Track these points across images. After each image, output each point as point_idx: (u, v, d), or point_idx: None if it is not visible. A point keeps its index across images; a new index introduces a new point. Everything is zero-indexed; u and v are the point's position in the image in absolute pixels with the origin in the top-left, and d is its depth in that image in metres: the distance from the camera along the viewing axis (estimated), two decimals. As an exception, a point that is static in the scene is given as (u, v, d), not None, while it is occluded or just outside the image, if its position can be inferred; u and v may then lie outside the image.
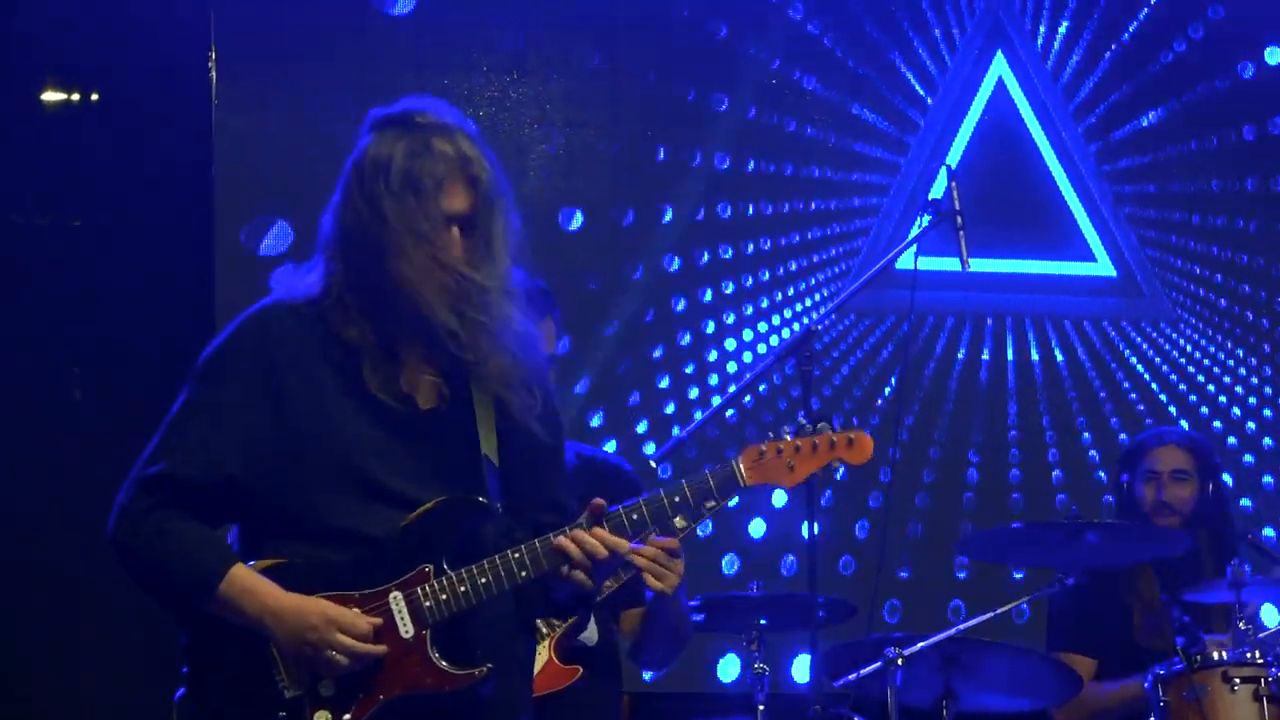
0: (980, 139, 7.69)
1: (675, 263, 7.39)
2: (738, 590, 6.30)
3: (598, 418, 5.15)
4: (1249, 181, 7.95)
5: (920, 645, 5.64)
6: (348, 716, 3.47)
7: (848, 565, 7.36)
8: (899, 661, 5.57)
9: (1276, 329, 7.95)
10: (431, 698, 3.50)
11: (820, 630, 5.21)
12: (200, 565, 3.48)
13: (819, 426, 3.76)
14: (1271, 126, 7.96)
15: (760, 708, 5.65)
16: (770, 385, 7.34)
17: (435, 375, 3.61)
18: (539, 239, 7.01)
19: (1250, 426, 7.91)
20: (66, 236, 6.78)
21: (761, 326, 7.46)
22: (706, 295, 7.41)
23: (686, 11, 7.41)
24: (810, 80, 7.55)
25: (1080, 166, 7.78)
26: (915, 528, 7.52)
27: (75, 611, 6.55)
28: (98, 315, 6.71)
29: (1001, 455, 7.67)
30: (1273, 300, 7.95)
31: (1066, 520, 5.79)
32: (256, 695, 3.48)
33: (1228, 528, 6.43)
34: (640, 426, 7.26)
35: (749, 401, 7.35)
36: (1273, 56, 7.97)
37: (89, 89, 6.85)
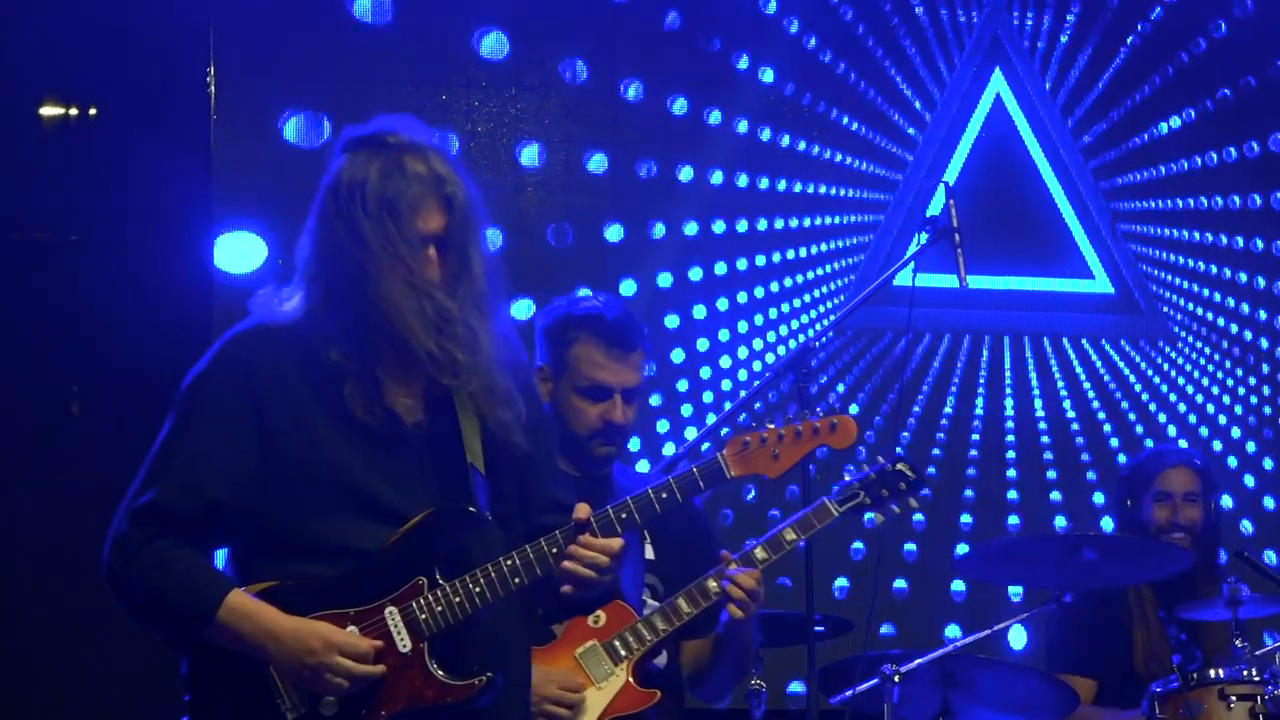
0: (978, 156, 7.69)
1: (668, 279, 7.37)
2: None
3: (589, 435, 5.15)
4: (1248, 199, 7.94)
5: (917, 662, 5.63)
6: (352, 735, 3.48)
7: (841, 589, 7.33)
8: (896, 678, 5.56)
9: (1277, 348, 7.94)
10: (433, 710, 3.50)
11: (817, 647, 5.21)
12: (197, 596, 3.50)
13: (801, 413, 3.83)
14: (1272, 144, 7.95)
15: (757, 725, 5.67)
16: (765, 403, 7.31)
17: (417, 391, 3.61)
18: (529, 254, 7.08)
19: (1250, 448, 7.90)
20: (64, 251, 6.77)
21: (757, 344, 7.43)
22: (700, 312, 7.39)
23: (681, 25, 7.39)
24: (807, 96, 7.53)
25: (1078, 183, 7.77)
26: (911, 548, 7.49)
27: (70, 633, 6.50)
28: (95, 331, 6.70)
29: (999, 474, 7.65)
30: (1272, 319, 7.93)
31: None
32: (259, 719, 3.49)
33: (1221, 545, 6.44)
34: (633, 445, 7.22)
35: (744, 420, 7.32)
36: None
37: (87, 104, 6.85)
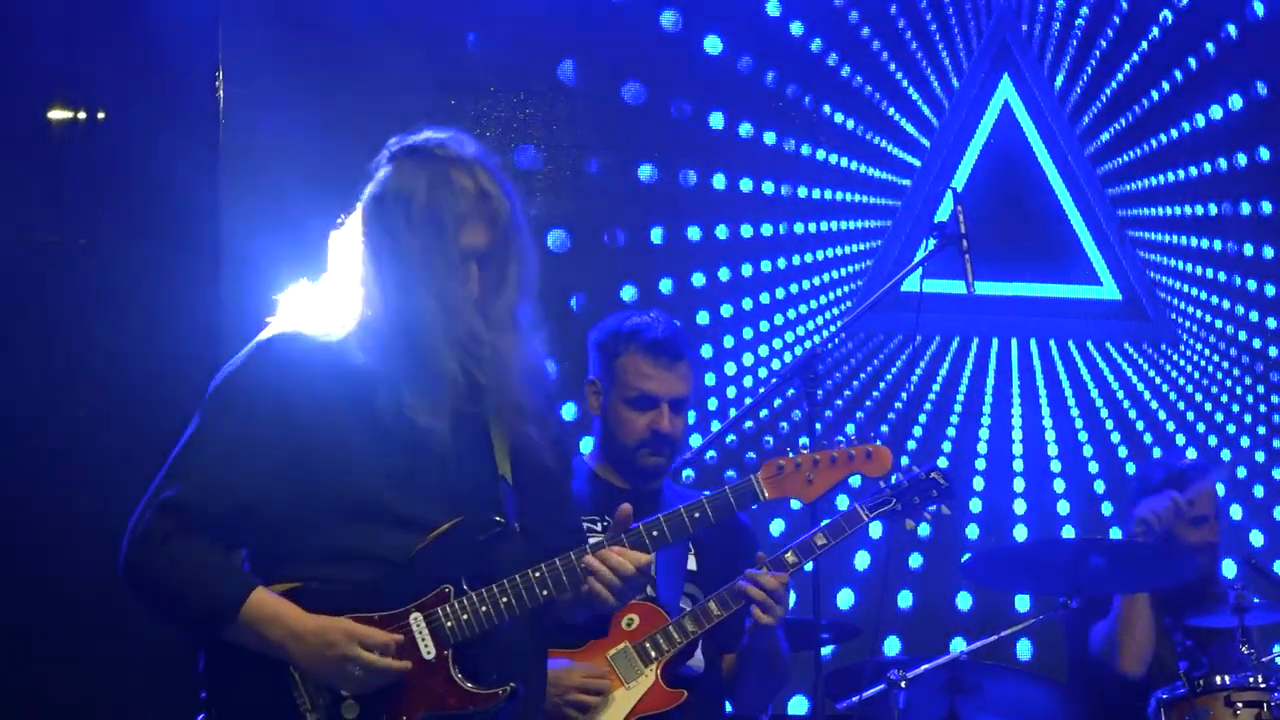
0: (986, 162, 7.68)
1: (668, 285, 7.35)
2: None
3: (588, 444, 5.13)
4: (1256, 205, 7.93)
5: (924, 668, 5.63)
6: (371, 738, 3.48)
7: (847, 599, 7.31)
8: (902, 684, 5.56)
9: (1287, 356, 7.95)
10: (455, 718, 3.51)
11: (823, 653, 5.22)
12: (219, 595, 3.49)
13: (837, 440, 3.85)
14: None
15: (765, 730, 5.68)
16: (772, 409, 7.31)
17: (446, 403, 3.60)
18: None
19: (1260, 457, 7.89)
20: (74, 254, 6.78)
21: (763, 350, 7.42)
22: (704, 318, 7.38)
23: (683, 29, 7.39)
24: (814, 100, 7.53)
25: (1085, 189, 7.76)
26: (917, 557, 7.48)
27: (86, 631, 6.51)
28: (105, 333, 6.70)
29: (1006, 481, 7.64)
30: (1282, 326, 7.95)
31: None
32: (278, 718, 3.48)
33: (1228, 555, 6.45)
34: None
35: (750, 428, 7.32)
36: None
37: (96, 108, 6.86)
